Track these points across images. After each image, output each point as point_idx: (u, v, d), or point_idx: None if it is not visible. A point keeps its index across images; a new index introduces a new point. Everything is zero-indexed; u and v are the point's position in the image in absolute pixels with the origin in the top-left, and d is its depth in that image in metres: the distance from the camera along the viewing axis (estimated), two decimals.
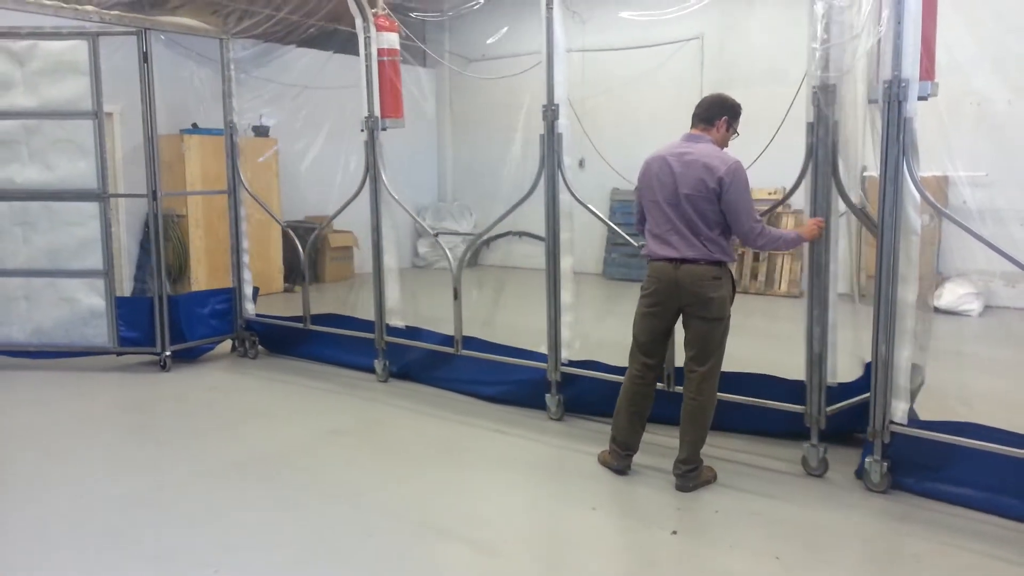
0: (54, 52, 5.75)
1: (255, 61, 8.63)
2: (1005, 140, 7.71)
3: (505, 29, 5.61)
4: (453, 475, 4.15)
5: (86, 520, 3.62)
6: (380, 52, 5.48)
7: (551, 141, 4.64)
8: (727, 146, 3.90)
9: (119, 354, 6.16)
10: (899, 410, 3.71)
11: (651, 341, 3.92)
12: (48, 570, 3.22)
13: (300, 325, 6.33)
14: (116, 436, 4.85)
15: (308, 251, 6.33)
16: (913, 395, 3.88)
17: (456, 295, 5.26)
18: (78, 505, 3.78)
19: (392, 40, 5.52)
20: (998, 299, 8.14)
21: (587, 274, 9.78)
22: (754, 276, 9.58)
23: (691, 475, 3.83)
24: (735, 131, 3.90)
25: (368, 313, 5.96)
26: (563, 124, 4.64)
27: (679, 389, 4.08)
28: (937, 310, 7.63)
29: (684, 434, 3.84)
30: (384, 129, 5.61)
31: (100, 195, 5.89)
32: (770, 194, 9.64)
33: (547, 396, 4.84)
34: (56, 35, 5.77)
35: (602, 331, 5.58)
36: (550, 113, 4.62)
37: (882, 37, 3.54)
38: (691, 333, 3.82)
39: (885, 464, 3.75)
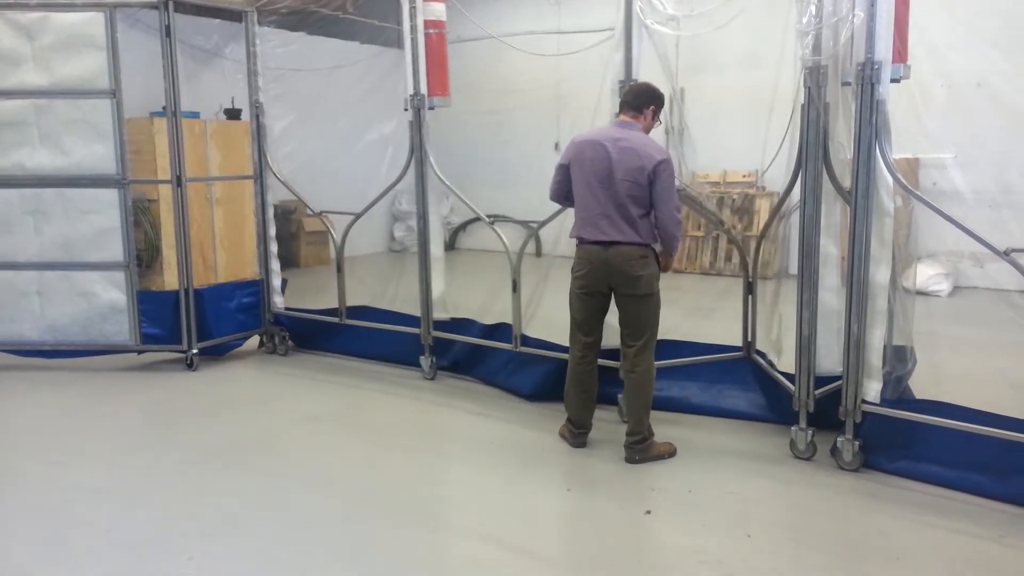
0: (67, 25, 5.35)
1: (230, 40, 8.47)
2: (974, 123, 7.81)
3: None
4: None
5: (61, 509, 3.59)
6: (426, 24, 5.09)
7: None
8: (648, 132, 4.08)
9: (140, 352, 5.81)
10: (871, 390, 3.77)
11: (588, 319, 4.12)
12: (21, 558, 3.19)
13: (335, 319, 5.93)
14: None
15: (281, 234, 6.20)
16: (907, 375, 4.01)
17: (515, 287, 4.97)
18: (55, 495, 3.73)
19: (439, 11, 5.14)
20: (967, 279, 8.28)
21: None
22: (728, 259, 9.65)
23: (637, 447, 3.99)
24: (659, 120, 4.09)
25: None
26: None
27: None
28: (906, 291, 7.75)
29: (628, 407, 4.06)
30: (432, 108, 5.22)
31: (120, 181, 5.52)
32: (744, 176, 9.70)
33: None
34: (70, 6, 5.36)
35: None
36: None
37: (855, 20, 3.56)
38: (624, 312, 4.03)
39: (857, 443, 3.81)
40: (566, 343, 4.30)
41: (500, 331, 5.17)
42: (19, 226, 5.58)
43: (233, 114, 9.40)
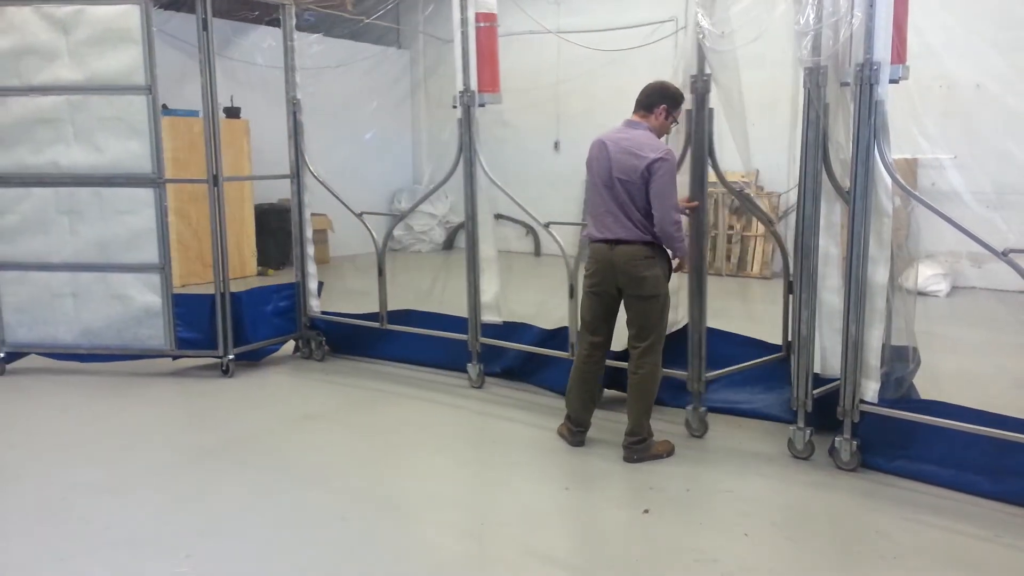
0: (102, 19, 5.17)
1: (229, 40, 8.44)
2: (972, 123, 7.82)
3: None
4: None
5: (59, 508, 3.58)
6: (477, 17, 4.87)
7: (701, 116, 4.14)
8: (668, 133, 4.04)
9: (176, 357, 5.65)
10: (869, 390, 3.78)
11: (595, 319, 4.12)
12: (19, 556, 3.19)
13: (375, 324, 5.69)
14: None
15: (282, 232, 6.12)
16: (910, 375, 4.03)
17: (572, 292, 4.73)
18: (54, 494, 3.73)
19: (490, 4, 4.91)
20: (965, 280, 8.29)
21: None
22: (727, 258, 9.66)
23: (636, 447, 4.01)
24: (675, 120, 4.01)
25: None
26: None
27: None
28: (907, 291, 7.76)
29: (629, 407, 4.05)
30: (482, 105, 4.98)
31: (155, 180, 5.32)
32: (742, 177, 9.69)
33: None
34: None
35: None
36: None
37: (854, 20, 3.57)
38: (630, 312, 4.02)
39: (855, 443, 3.82)
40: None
41: (560, 336, 4.94)
42: (54, 226, 5.42)
43: (232, 113, 9.40)
